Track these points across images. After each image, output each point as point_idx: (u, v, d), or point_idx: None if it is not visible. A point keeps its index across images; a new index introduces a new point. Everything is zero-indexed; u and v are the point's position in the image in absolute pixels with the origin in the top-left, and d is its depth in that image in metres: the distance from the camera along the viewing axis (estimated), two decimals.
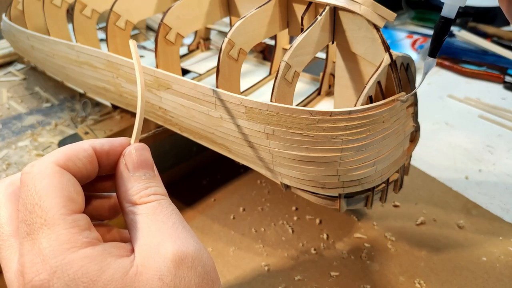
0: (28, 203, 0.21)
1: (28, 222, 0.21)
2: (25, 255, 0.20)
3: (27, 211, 0.21)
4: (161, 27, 0.39)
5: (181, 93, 0.37)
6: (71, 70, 0.50)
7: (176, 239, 0.22)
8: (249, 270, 0.42)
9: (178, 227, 0.22)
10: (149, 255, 0.21)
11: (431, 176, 0.53)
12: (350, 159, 0.31)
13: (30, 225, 0.20)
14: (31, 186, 0.21)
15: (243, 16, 0.35)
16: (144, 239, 0.22)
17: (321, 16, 0.33)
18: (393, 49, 0.32)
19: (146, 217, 0.22)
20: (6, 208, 0.23)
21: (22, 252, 0.20)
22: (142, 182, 0.24)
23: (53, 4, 0.50)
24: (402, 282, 0.40)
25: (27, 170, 0.22)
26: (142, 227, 0.22)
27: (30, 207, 0.21)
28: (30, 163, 0.23)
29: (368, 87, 0.31)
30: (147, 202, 0.23)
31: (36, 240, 0.20)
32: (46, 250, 0.20)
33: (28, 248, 0.20)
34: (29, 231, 0.20)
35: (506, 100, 0.69)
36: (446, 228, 0.46)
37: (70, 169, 0.23)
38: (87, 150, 0.24)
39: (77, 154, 0.23)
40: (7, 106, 0.62)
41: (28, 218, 0.21)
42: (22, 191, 0.22)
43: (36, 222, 0.20)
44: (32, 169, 0.22)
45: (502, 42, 0.82)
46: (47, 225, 0.20)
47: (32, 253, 0.20)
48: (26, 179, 0.22)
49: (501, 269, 0.41)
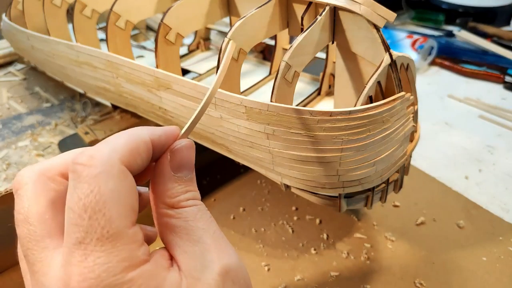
0: (89, 207, 0.18)
1: (85, 228, 0.18)
2: (74, 266, 0.18)
3: (85, 215, 0.18)
4: (161, 27, 0.39)
5: (181, 93, 0.37)
6: (71, 70, 0.50)
7: (219, 250, 0.21)
8: (249, 270, 0.42)
9: (219, 236, 0.21)
10: (195, 267, 0.20)
11: (431, 176, 0.53)
12: (350, 159, 0.31)
13: (87, 232, 0.18)
14: (94, 186, 0.18)
15: (243, 16, 0.35)
16: (186, 247, 0.20)
17: (321, 16, 0.33)
18: (393, 49, 0.32)
19: (186, 222, 0.21)
20: (38, 203, 0.20)
21: (70, 260, 0.18)
22: (183, 185, 0.22)
23: (53, 4, 0.50)
24: (402, 282, 0.40)
25: (85, 161, 0.18)
26: (182, 233, 0.21)
27: (91, 212, 0.18)
28: (82, 150, 0.19)
29: (368, 87, 0.31)
30: (186, 206, 0.22)
31: (93, 253, 0.18)
32: (104, 266, 0.18)
33: (79, 259, 0.18)
34: (83, 239, 0.18)
35: (506, 100, 0.69)
36: (446, 228, 0.46)
37: (132, 167, 0.20)
38: (147, 143, 0.21)
39: (138, 148, 0.20)
40: (7, 106, 0.62)
41: (85, 224, 0.18)
42: (78, 187, 0.18)
43: (95, 231, 0.18)
44: (93, 163, 0.18)
45: (502, 42, 0.82)
46: (109, 237, 0.18)
47: (84, 266, 0.18)
48: (84, 174, 0.18)
49: (501, 269, 0.41)
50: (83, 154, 0.19)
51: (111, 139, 0.20)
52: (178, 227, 0.21)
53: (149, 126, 0.22)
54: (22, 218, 0.20)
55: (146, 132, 0.21)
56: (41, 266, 0.19)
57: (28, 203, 0.20)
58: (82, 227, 0.18)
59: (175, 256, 0.21)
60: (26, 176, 0.21)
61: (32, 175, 0.21)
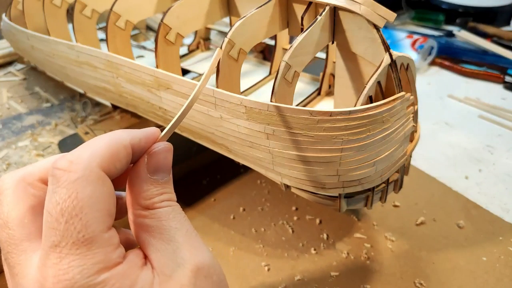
0: (66, 211, 0.18)
1: (61, 232, 0.18)
2: (49, 268, 0.18)
3: (61, 219, 0.18)
4: (161, 27, 0.39)
5: (181, 93, 0.37)
6: (71, 70, 0.50)
7: (191, 248, 0.21)
8: (249, 270, 0.42)
9: (191, 235, 0.22)
10: (167, 264, 0.20)
11: (431, 176, 0.53)
12: (350, 159, 0.31)
13: (63, 236, 0.18)
14: (72, 191, 0.19)
15: (243, 16, 0.35)
16: (159, 246, 0.21)
17: (321, 16, 0.33)
18: (393, 49, 0.32)
19: (159, 222, 0.21)
20: (17, 208, 0.21)
21: (45, 263, 0.18)
22: (158, 187, 0.22)
23: (53, 4, 0.50)
24: (402, 282, 0.40)
25: (64, 166, 0.19)
26: (155, 233, 0.21)
27: (67, 217, 0.18)
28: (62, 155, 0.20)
29: (368, 87, 0.31)
30: (161, 207, 0.22)
31: (67, 256, 0.18)
32: (78, 269, 0.18)
33: (55, 261, 0.18)
34: (59, 242, 0.18)
35: (506, 100, 0.69)
36: (446, 228, 0.46)
37: (111, 172, 0.20)
38: (127, 148, 0.21)
39: (118, 154, 0.21)
40: (7, 106, 0.62)
41: (61, 228, 0.18)
42: (56, 192, 0.19)
43: (71, 235, 0.18)
44: (72, 168, 0.19)
45: (502, 42, 0.82)
46: (84, 241, 0.18)
47: (59, 268, 0.18)
48: (63, 179, 0.19)
49: (501, 269, 0.41)
50: (63, 159, 0.19)
51: (91, 143, 0.20)
52: (152, 227, 0.21)
53: (129, 129, 0.22)
54: (2, 222, 0.21)
55: (126, 136, 0.22)
56: (20, 268, 0.20)
57: (8, 208, 0.21)
58: (59, 231, 0.18)
59: (148, 255, 0.21)
60: (6, 182, 0.21)
61: (12, 181, 0.21)
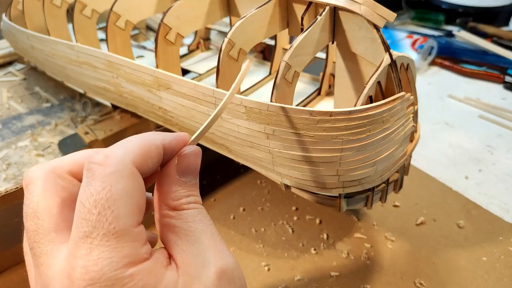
0: (99, 203, 0.19)
1: (93, 223, 0.19)
2: (79, 258, 0.18)
3: (94, 211, 0.19)
4: (161, 27, 0.39)
5: (181, 93, 0.37)
6: (71, 70, 0.50)
7: (216, 251, 0.21)
8: (249, 270, 0.42)
9: (216, 238, 0.22)
10: (192, 266, 0.21)
11: (431, 176, 0.53)
12: (350, 159, 0.31)
13: (94, 227, 0.19)
14: (106, 184, 0.19)
15: (243, 16, 0.35)
16: (184, 247, 0.21)
17: (321, 16, 0.33)
18: (393, 49, 0.32)
19: (186, 224, 0.22)
20: (47, 198, 0.21)
21: (75, 253, 0.19)
22: (186, 189, 0.23)
23: (53, 4, 0.50)
24: (402, 282, 0.40)
25: (100, 161, 0.20)
26: (181, 234, 0.22)
27: (100, 208, 0.19)
28: (97, 150, 0.20)
29: (368, 87, 0.31)
30: (188, 209, 0.22)
31: (98, 247, 0.18)
32: (107, 261, 0.18)
33: (84, 252, 0.19)
34: (90, 233, 0.19)
35: (506, 100, 0.69)
36: (446, 228, 0.46)
37: (143, 170, 0.21)
38: (159, 148, 0.22)
39: (150, 152, 0.21)
40: (7, 106, 0.62)
41: (93, 219, 0.19)
42: (91, 184, 0.19)
43: (102, 226, 0.19)
44: (107, 162, 0.20)
45: (502, 42, 0.82)
46: (114, 233, 0.19)
47: (88, 259, 0.18)
48: (98, 172, 0.19)
49: (501, 269, 0.41)
50: (99, 153, 0.20)
51: (125, 142, 0.21)
52: (178, 227, 0.22)
53: (161, 132, 0.23)
54: (31, 212, 0.21)
55: (158, 137, 0.22)
56: (46, 258, 0.20)
57: (38, 198, 0.21)
58: (91, 222, 0.19)
59: (173, 255, 0.21)
60: (36, 173, 0.22)
61: (42, 172, 0.22)
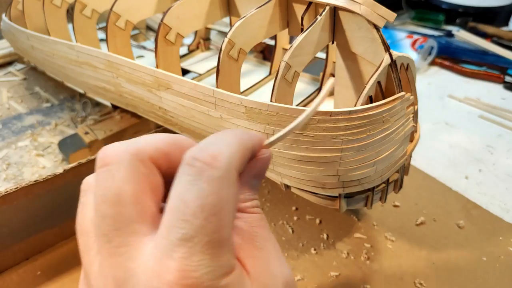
0: (206, 208, 0.17)
1: (196, 228, 0.17)
2: (175, 261, 0.17)
3: (200, 215, 0.17)
4: (161, 27, 0.39)
5: (181, 93, 0.37)
6: (71, 70, 0.50)
7: (279, 262, 0.21)
8: None
9: (277, 248, 0.22)
10: (262, 273, 0.20)
11: (431, 176, 0.53)
12: (350, 159, 0.31)
13: (197, 232, 0.17)
14: (215, 189, 0.18)
15: (243, 16, 0.35)
16: (252, 252, 0.20)
17: (321, 16, 0.33)
18: (393, 49, 0.32)
19: (251, 228, 0.21)
20: (131, 185, 0.19)
21: (170, 254, 0.17)
22: (252, 192, 0.22)
23: (53, 4, 0.50)
24: (402, 282, 0.40)
25: (208, 160, 0.18)
26: (247, 238, 0.21)
27: (207, 214, 0.17)
28: (201, 146, 0.19)
29: (368, 87, 0.31)
30: (252, 212, 0.22)
31: (198, 253, 0.17)
32: (207, 269, 0.17)
33: (183, 255, 0.17)
34: (192, 238, 0.17)
35: (506, 100, 0.69)
36: (446, 228, 0.46)
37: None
38: (249, 152, 0.21)
39: (245, 158, 0.21)
40: (7, 106, 0.62)
41: (197, 223, 0.17)
42: (197, 185, 0.18)
43: (207, 233, 0.17)
44: (216, 165, 0.18)
45: (502, 42, 0.82)
46: (217, 243, 0.17)
47: (187, 264, 0.17)
48: (206, 174, 0.18)
49: (501, 269, 0.41)
50: (204, 151, 0.18)
51: (227, 141, 0.19)
52: (244, 231, 0.21)
53: (246, 131, 0.22)
54: (113, 197, 0.19)
55: (249, 140, 0.21)
56: (129, 250, 0.18)
57: (121, 183, 0.19)
58: (194, 226, 0.17)
59: (241, 259, 0.20)
60: (119, 154, 0.19)
61: (126, 155, 0.19)
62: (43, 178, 0.37)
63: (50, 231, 0.41)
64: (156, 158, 0.20)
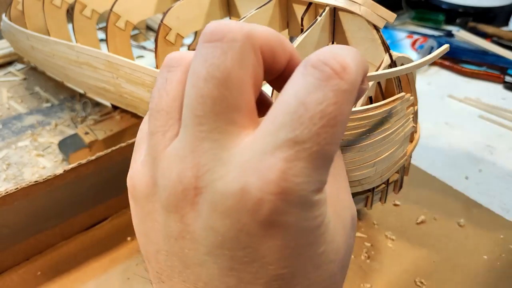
0: (325, 117, 0.16)
1: (310, 133, 0.16)
2: (277, 159, 0.16)
3: (318, 121, 0.16)
4: (161, 28, 0.39)
5: None
6: (71, 70, 0.50)
7: (349, 195, 0.20)
8: None
9: (347, 180, 0.21)
10: (336, 202, 0.19)
11: (431, 175, 0.53)
12: (350, 160, 0.31)
13: (310, 138, 0.16)
14: (339, 100, 0.16)
15: (243, 17, 0.35)
16: (329, 178, 0.19)
17: (321, 16, 0.33)
18: (393, 49, 0.32)
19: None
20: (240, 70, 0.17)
21: (273, 152, 0.16)
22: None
23: (53, 4, 0.50)
24: (402, 281, 0.40)
25: (336, 68, 0.16)
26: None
27: (325, 122, 0.16)
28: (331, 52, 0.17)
29: (368, 87, 0.31)
30: None
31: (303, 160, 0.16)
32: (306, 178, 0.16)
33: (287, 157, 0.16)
34: (303, 142, 0.16)
35: (506, 100, 0.69)
36: (447, 227, 0.46)
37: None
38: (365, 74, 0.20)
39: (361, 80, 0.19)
40: (7, 106, 0.62)
41: (313, 130, 0.16)
42: (322, 90, 0.16)
43: (318, 142, 0.16)
44: (344, 76, 0.16)
45: (502, 42, 0.82)
46: (322, 156, 0.16)
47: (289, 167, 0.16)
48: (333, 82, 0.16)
49: (502, 268, 0.41)
50: (334, 59, 0.16)
51: (352, 55, 0.18)
52: None
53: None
54: (220, 75, 0.17)
55: (367, 65, 0.19)
56: (222, 138, 0.17)
57: (232, 64, 0.17)
58: (308, 130, 0.16)
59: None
60: (233, 32, 0.17)
61: (242, 35, 0.17)
62: (43, 178, 0.37)
63: (50, 232, 0.42)
64: (264, 50, 0.18)
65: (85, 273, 0.40)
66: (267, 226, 0.16)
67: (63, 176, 0.38)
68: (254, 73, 0.18)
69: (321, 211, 0.17)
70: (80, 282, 0.39)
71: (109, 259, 0.41)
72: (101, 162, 0.40)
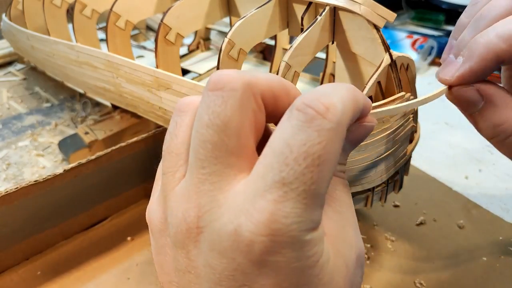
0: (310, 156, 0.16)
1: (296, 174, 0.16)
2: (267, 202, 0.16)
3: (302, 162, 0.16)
4: (161, 27, 0.39)
5: (181, 93, 0.37)
6: (71, 70, 0.50)
7: (355, 232, 0.20)
8: None
9: (355, 217, 0.21)
10: (338, 238, 0.19)
11: (431, 176, 0.53)
12: (350, 159, 0.31)
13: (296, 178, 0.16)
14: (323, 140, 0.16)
15: (243, 16, 0.35)
16: (330, 213, 0.20)
17: (321, 16, 0.33)
18: (393, 49, 0.32)
19: (333, 190, 0.20)
20: (239, 117, 0.18)
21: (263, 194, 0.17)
22: (344, 155, 0.21)
23: (53, 4, 0.50)
24: (402, 282, 0.40)
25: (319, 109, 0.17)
26: (327, 199, 0.20)
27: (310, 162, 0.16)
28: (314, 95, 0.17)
29: (368, 87, 0.31)
30: (337, 176, 0.21)
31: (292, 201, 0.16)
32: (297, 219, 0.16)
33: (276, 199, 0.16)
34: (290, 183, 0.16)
35: None
36: (446, 228, 0.46)
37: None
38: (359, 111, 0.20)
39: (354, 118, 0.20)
40: (7, 106, 0.62)
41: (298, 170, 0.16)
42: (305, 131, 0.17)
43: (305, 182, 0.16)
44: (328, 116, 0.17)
45: None
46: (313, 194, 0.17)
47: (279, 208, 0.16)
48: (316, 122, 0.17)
49: (501, 269, 0.41)
50: (318, 100, 0.17)
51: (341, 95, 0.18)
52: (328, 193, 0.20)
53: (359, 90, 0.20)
54: (221, 124, 0.18)
55: (361, 101, 0.20)
56: (220, 180, 0.18)
57: (232, 112, 0.18)
58: (293, 171, 0.16)
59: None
60: (234, 81, 0.18)
61: (242, 84, 0.18)
62: (43, 178, 0.37)
63: (50, 231, 0.41)
64: (266, 97, 0.19)
65: (85, 273, 0.40)
66: (260, 265, 0.17)
67: (63, 176, 0.38)
68: (254, 118, 0.19)
69: (315, 250, 0.17)
70: (80, 282, 0.39)
71: (109, 259, 0.41)
72: (101, 162, 0.40)
